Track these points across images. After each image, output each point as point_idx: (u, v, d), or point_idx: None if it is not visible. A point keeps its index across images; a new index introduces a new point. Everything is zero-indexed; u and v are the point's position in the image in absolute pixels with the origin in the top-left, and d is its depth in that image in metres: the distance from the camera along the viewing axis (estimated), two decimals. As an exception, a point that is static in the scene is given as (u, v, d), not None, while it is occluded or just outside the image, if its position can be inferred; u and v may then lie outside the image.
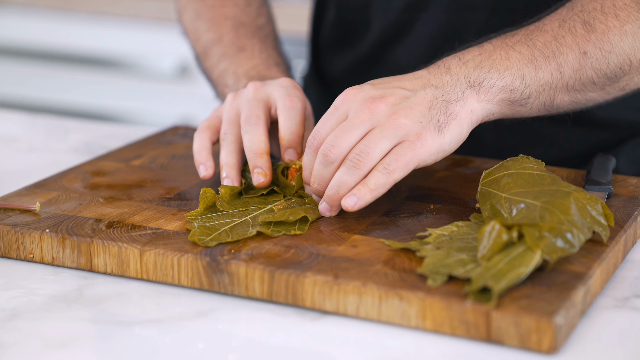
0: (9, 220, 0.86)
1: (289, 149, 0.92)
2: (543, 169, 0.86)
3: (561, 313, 0.70)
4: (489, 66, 0.87)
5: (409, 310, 0.73)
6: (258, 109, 0.92)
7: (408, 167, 0.83)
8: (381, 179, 0.83)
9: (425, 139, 0.83)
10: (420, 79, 0.87)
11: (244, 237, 0.82)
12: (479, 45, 0.89)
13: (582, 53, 0.88)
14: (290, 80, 0.96)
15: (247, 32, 1.09)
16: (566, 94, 0.89)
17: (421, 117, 0.84)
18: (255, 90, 0.94)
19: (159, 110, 2.27)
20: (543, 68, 0.87)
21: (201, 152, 0.94)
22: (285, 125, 0.92)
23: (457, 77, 0.86)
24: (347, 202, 0.83)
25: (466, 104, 0.85)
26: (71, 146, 1.17)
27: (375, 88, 0.86)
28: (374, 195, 0.83)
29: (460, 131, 0.85)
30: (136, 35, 2.25)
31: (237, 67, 1.05)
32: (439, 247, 0.79)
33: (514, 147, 1.11)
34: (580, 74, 0.88)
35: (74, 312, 0.77)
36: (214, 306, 0.77)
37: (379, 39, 1.15)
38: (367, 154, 0.83)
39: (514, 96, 0.87)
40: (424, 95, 0.85)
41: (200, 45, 1.12)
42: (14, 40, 2.36)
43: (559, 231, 0.77)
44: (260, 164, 0.91)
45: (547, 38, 0.88)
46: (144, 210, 0.89)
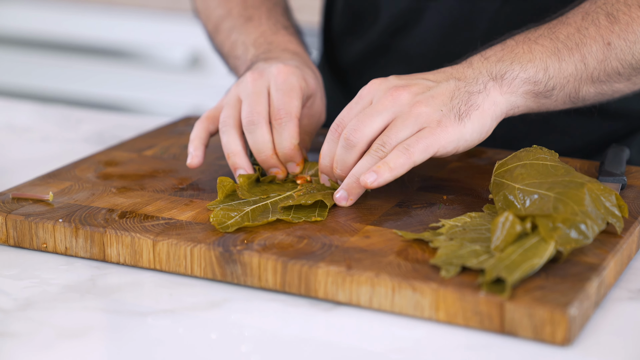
0: (23, 210, 0.86)
1: (288, 163, 0.92)
2: (556, 160, 0.85)
3: (575, 304, 0.70)
4: (511, 59, 0.87)
5: (422, 301, 0.73)
6: (258, 104, 0.92)
7: (427, 151, 0.83)
8: (401, 158, 0.83)
9: (445, 126, 0.83)
10: (444, 72, 0.88)
11: (264, 221, 0.83)
12: (501, 42, 0.90)
13: (606, 44, 0.88)
14: (285, 73, 0.93)
15: (254, 2, 1.09)
16: (591, 86, 0.89)
17: (442, 106, 0.84)
18: (254, 82, 0.93)
19: (170, 101, 2.27)
20: (567, 59, 0.87)
21: (193, 141, 0.94)
22: (278, 141, 0.92)
23: (479, 71, 0.87)
24: (367, 178, 0.83)
25: (489, 96, 0.85)
26: (83, 136, 1.17)
27: (400, 79, 0.87)
28: (393, 175, 0.83)
29: (482, 122, 0.85)
30: (148, 25, 2.25)
31: (245, 37, 1.04)
32: (452, 238, 0.79)
33: (526, 137, 1.11)
34: (605, 64, 0.88)
35: (87, 302, 0.77)
36: (227, 296, 0.77)
37: (389, 28, 1.15)
38: (389, 143, 0.83)
39: (537, 88, 0.87)
40: (446, 86, 0.85)
41: (211, 22, 1.12)
42: (25, 31, 2.36)
43: (573, 222, 0.76)
44: (274, 163, 0.92)
45: (570, 30, 0.88)
46: (157, 200, 0.89)
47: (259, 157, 0.91)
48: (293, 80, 0.93)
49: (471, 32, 1.09)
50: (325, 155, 0.88)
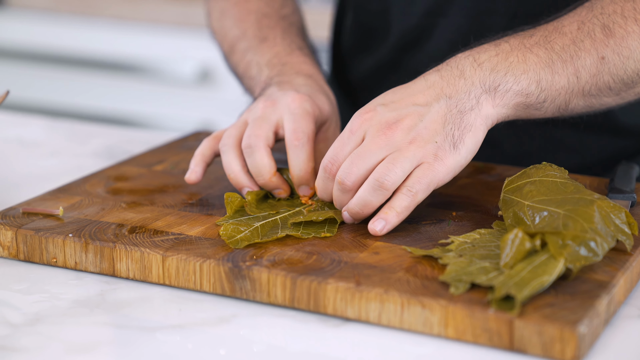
0: (33, 224, 0.87)
1: (301, 186, 0.92)
2: (566, 177, 0.85)
3: (585, 322, 0.70)
4: (505, 69, 0.86)
5: (431, 318, 0.73)
6: (260, 129, 0.92)
7: (429, 188, 0.84)
8: (405, 201, 0.83)
9: (442, 159, 0.83)
10: (433, 88, 0.86)
11: (274, 237, 0.83)
12: (495, 44, 0.88)
13: (600, 58, 0.87)
14: (299, 101, 0.93)
15: (270, 23, 1.09)
16: (581, 99, 0.89)
17: (436, 136, 0.84)
18: (264, 109, 0.94)
19: (180, 115, 2.27)
20: (560, 72, 0.87)
21: (196, 157, 0.95)
22: (293, 164, 0.91)
23: (471, 82, 0.85)
24: (376, 227, 0.84)
25: (481, 111, 0.85)
26: (93, 151, 1.17)
27: (389, 109, 0.86)
28: (400, 218, 0.84)
29: (475, 141, 0.85)
30: (157, 40, 2.26)
31: (260, 57, 1.05)
32: (462, 254, 0.79)
33: (535, 154, 1.11)
34: (597, 79, 0.88)
35: (96, 317, 0.77)
36: (236, 312, 0.77)
37: (399, 44, 1.15)
38: (393, 173, 0.83)
39: (529, 100, 0.86)
40: (437, 110, 0.85)
41: (226, 43, 1.12)
42: (36, 45, 2.37)
43: (583, 239, 0.76)
44: (275, 185, 0.91)
45: (565, 41, 0.88)
46: (166, 215, 0.89)
47: (258, 181, 0.91)
48: (307, 106, 0.93)
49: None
50: (320, 192, 0.89)
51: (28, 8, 2.36)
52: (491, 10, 1.08)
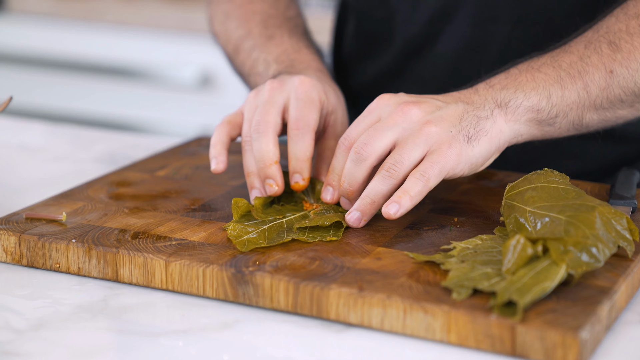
0: (36, 230, 0.87)
1: (294, 174, 0.91)
2: (567, 183, 0.85)
3: (587, 328, 0.70)
4: (514, 87, 0.87)
5: (434, 324, 0.73)
6: (268, 114, 0.91)
7: (441, 174, 0.84)
8: (419, 185, 0.83)
9: (455, 148, 0.84)
10: (451, 95, 0.89)
11: (280, 242, 0.83)
12: (505, 71, 0.91)
13: (608, 72, 0.88)
14: (307, 85, 0.93)
15: (275, 22, 1.09)
16: (595, 113, 0.89)
17: (452, 127, 0.84)
18: (271, 92, 0.93)
19: (181, 120, 2.28)
20: (569, 87, 0.88)
21: (216, 146, 0.93)
22: (292, 150, 0.91)
23: (484, 97, 0.88)
24: (390, 209, 0.83)
25: (496, 123, 0.86)
26: (95, 156, 1.18)
27: (409, 96, 0.88)
28: (414, 202, 0.84)
29: (489, 148, 0.86)
30: (159, 45, 2.26)
31: (267, 54, 1.04)
32: (464, 260, 0.79)
33: (537, 160, 1.11)
34: (608, 92, 0.88)
35: (99, 322, 0.77)
36: (239, 317, 0.78)
37: (402, 51, 1.16)
38: (401, 163, 0.84)
39: (541, 116, 0.87)
40: (455, 108, 0.86)
41: (231, 44, 1.12)
42: (37, 50, 2.37)
43: (584, 245, 0.77)
44: (270, 174, 0.90)
45: (572, 59, 0.89)
46: (169, 221, 0.89)
47: (258, 165, 0.90)
48: (314, 94, 0.93)
49: (484, 56, 1.10)
50: (334, 169, 0.88)
51: (29, 13, 2.36)
52: (495, 18, 1.09)
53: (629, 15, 0.91)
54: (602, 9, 0.97)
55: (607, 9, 0.95)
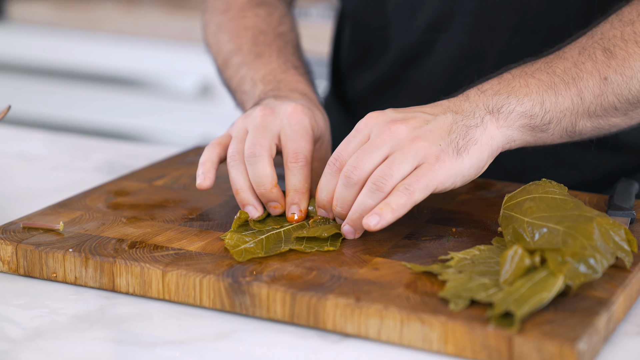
0: (33, 239, 0.87)
1: (292, 206, 0.91)
2: (566, 194, 0.85)
3: (584, 339, 0.70)
4: (507, 92, 0.87)
5: (431, 334, 0.73)
6: (263, 138, 0.91)
7: (428, 189, 0.83)
8: (402, 199, 0.83)
9: (443, 162, 0.83)
10: (440, 105, 0.88)
11: (277, 252, 0.83)
12: (498, 76, 0.90)
13: (602, 79, 0.88)
14: (299, 114, 0.93)
15: (266, 40, 1.09)
16: (588, 120, 0.89)
17: (440, 140, 0.84)
18: (263, 118, 0.93)
19: (180, 130, 2.28)
20: (563, 94, 0.88)
21: (205, 164, 0.93)
22: (290, 182, 0.91)
23: (475, 104, 0.87)
24: (370, 221, 0.83)
25: (486, 130, 0.86)
26: (94, 165, 1.18)
27: (397, 112, 0.87)
28: (396, 216, 0.83)
29: (480, 157, 0.85)
30: (158, 54, 2.27)
31: (254, 73, 1.05)
32: (461, 270, 0.79)
33: (534, 170, 1.11)
34: (602, 99, 0.88)
35: (96, 332, 0.77)
36: (236, 327, 0.77)
37: (399, 60, 1.16)
38: (390, 176, 0.83)
39: (534, 122, 0.87)
40: (444, 120, 0.85)
41: (221, 56, 1.12)
42: (36, 59, 2.38)
43: (582, 256, 0.77)
44: (273, 197, 0.91)
45: (566, 65, 0.89)
46: (167, 230, 0.89)
47: (258, 190, 0.90)
48: (306, 122, 0.93)
49: (481, 64, 1.10)
50: (323, 189, 0.88)
51: (29, 22, 2.37)
52: (492, 26, 1.09)
53: (624, 21, 0.91)
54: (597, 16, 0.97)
55: (602, 15, 0.95)
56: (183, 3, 2.46)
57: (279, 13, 1.15)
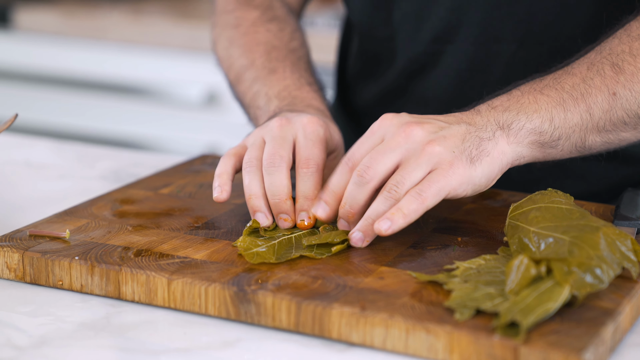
0: (39, 247, 0.87)
1: (301, 212, 0.91)
2: (572, 204, 0.85)
3: (590, 350, 0.70)
4: (517, 109, 0.87)
5: (436, 344, 0.73)
6: (282, 149, 0.91)
7: (440, 195, 0.83)
8: (414, 204, 0.83)
9: (457, 168, 0.84)
10: (454, 116, 0.89)
11: (288, 258, 0.84)
12: (507, 93, 0.90)
13: (611, 94, 0.88)
14: (314, 124, 0.93)
15: (279, 55, 1.10)
16: (597, 135, 0.89)
17: (454, 147, 0.84)
18: (281, 128, 0.93)
19: (186, 138, 2.28)
20: (572, 110, 0.88)
21: (221, 176, 0.93)
22: (300, 189, 0.91)
23: (487, 119, 0.88)
24: (381, 226, 0.83)
25: (497, 145, 0.86)
26: (100, 174, 1.18)
27: (412, 116, 0.88)
28: (407, 221, 0.83)
29: (491, 169, 0.86)
30: (165, 63, 2.27)
31: (268, 88, 1.05)
32: (467, 280, 0.79)
33: (541, 180, 1.11)
34: (611, 114, 0.88)
35: (101, 340, 0.77)
36: (241, 336, 0.77)
37: (405, 71, 1.16)
38: (402, 183, 0.84)
39: (543, 138, 0.87)
40: (458, 129, 0.86)
41: (233, 71, 1.13)
42: (45, 68, 2.38)
43: (588, 266, 0.76)
44: (285, 209, 0.90)
45: (575, 81, 0.89)
46: (172, 238, 0.89)
47: (272, 200, 0.90)
48: (321, 132, 0.93)
49: (487, 76, 1.10)
50: (332, 187, 0.88)
51: (36, 31, 2.37)
52: (499, 38, 1.09)
53: (632, 36, 0.91)
54: (605, 29, 0.97)
55: (610, 29, 0.95)
56: (189, 12, 2.46)
57: (290, 28, 1.15)
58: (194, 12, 2.46)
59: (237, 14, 1.18)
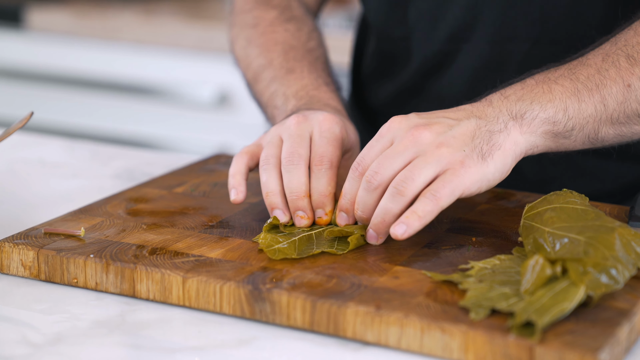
0: (54, 245, 0.87)
1: (317, 209, 0.91)
2: (587, 204, 0.85)
3: (606, 350, 0.70)
4: (530, 99, 0.87)
5: (451, 343, 0.73)
6: (300, 147, 0.92)
7: (454, 195, 0.83)
8: (429, 205, 0.83)
9: (468, 167, 0.83)
10: (464, 110, 0.88)
11: (309, 254, 0.84)
12: (521, 81, 0.90)
13: (626, 86, 0.88)
14: (330, 122, 0.94)
15: (296, 55, 1.10)
16: (611, 127, 0.89)
17: (464, 146, 0.84)
18: (298, 125, 0.94)
19: (198, 138, 2.28)
20: (586, 100, 0.87)
21: (235, 176, 0.94)
22: (314, 185, 0.91)
23: (499, 109, 0.87)
24: (397, 230, 0.83)
25: (510, 136, 0.85)
26: (113, 172, 1.18)
27: (420, 117, 0.87)
28: (423, 223, 0.83)
29: (504, 162, 0.85)
30: (177, 63, 2.27)
31: (286, 88, 1.05)
32: (482, 280, 0.79)
33: (555, 180, 1.11)
34: (625, 106, 0.88)
35: (116, 338, 0.77)
36: (256, 334, 0.78)
37: (420, 70, 1.16)
38: (411, 180, 0.83)
39: (557, 128, 0.87)
40: (467, 125, 0.85)
41: (251, 71, 1.13)
42: (57, 68, 2.39)
43: (604, 267, 0.76)
44: (302, 206, 0.90)
45: (590, 72, 0.89)
46: (187, 237, 0.89)
47: (289, 197, 0.91)
48: (336, 130, 0.94)
49: (502, 74, 1.10)
50: (346, 194, 0.88)
51: (49, 31, 2.38)
52: (513, 36, 1.09)
53: None
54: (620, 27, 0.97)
55: (625, 22, 0.95)
56: (201, 12, 2.47)
57: (308, 28, 1.15)
58: (206, 13, 2.46)
59: (255, 14, 1.18)
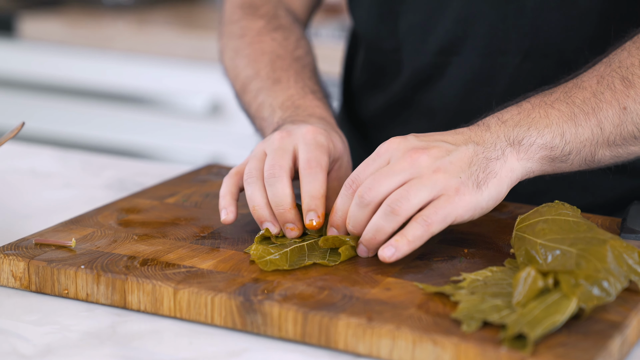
0: (45, 255, 0.87)
1: (309, 212, 0.91)
2: (579, 216, 0.85)
3: (598, 362, 0.70)
4: (527, 124, 0.87)
5: (443, 355, 0.73)
6: (282, 159, 0.92)
7: (445, 222, 0.83)
8: (419, 231, 0.83)
9: (463, 194, 0.83)
10: (462, 134, 0.88)
11: (301, 265, 0.84)
12: (517, 105, 0.90)
13: (622, 108, 0.88)
14: (313, 132, 0.94)
15: (283, 64, 1.10)
16: (607, 149, 0.89)
17: (461, 172, 0.84)
18: (281, 140, 0.94)
19: (191, 148, 2.28)
20: (583, 124, 0.88)
21: (225, 197, 0.94)
22: (305, 189, 0.91)
23: (496, 135, 0.87)
24: (385, 253, 0.83)
25: (506, 163, 0.86)
26: (105, 183, 1.18)
27: (419, 139, 0.87)
28: (411, 247, 0.83)
29: (499, 190, 0.85)
30: (170, 73, 2.27)
31: (272, 99, 1.05)
32: (474, 292, 0.79)
33: (548, 192, 1.11)
34: (621, 129, 0.88)
35: (107, 349, 0.77)
36: (247, 346, 0.77)
37: (411, 82, 1.16)
38: (406, 200, 0.83)
39: (554, 153, 0.87)
40: (465, 151, 0.85)
41: (239, 82, 1.13)
42: (50, 78, 2.39)
43: (596, 279, 0.76)
44: (290, 219, 0.90)
45: (586, 95, 0.89)
46: (178, 248, 0.89)
47: (276, 211, 0.90)
48: (321, 139, 0.93)
49: (493, 87, 1.10)
50: (338, 210, 0.88)
51: (41, 40, 2.38)
52: (504, 50, 1.09)
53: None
54: (612, 42, 0.97)
55: (617, 41, 0.95)
56: (194, 22, 2.47)
57: (295, 37, 1.15)
58: (199, 22, 2.47)
59: (242, 24, 1.18)
